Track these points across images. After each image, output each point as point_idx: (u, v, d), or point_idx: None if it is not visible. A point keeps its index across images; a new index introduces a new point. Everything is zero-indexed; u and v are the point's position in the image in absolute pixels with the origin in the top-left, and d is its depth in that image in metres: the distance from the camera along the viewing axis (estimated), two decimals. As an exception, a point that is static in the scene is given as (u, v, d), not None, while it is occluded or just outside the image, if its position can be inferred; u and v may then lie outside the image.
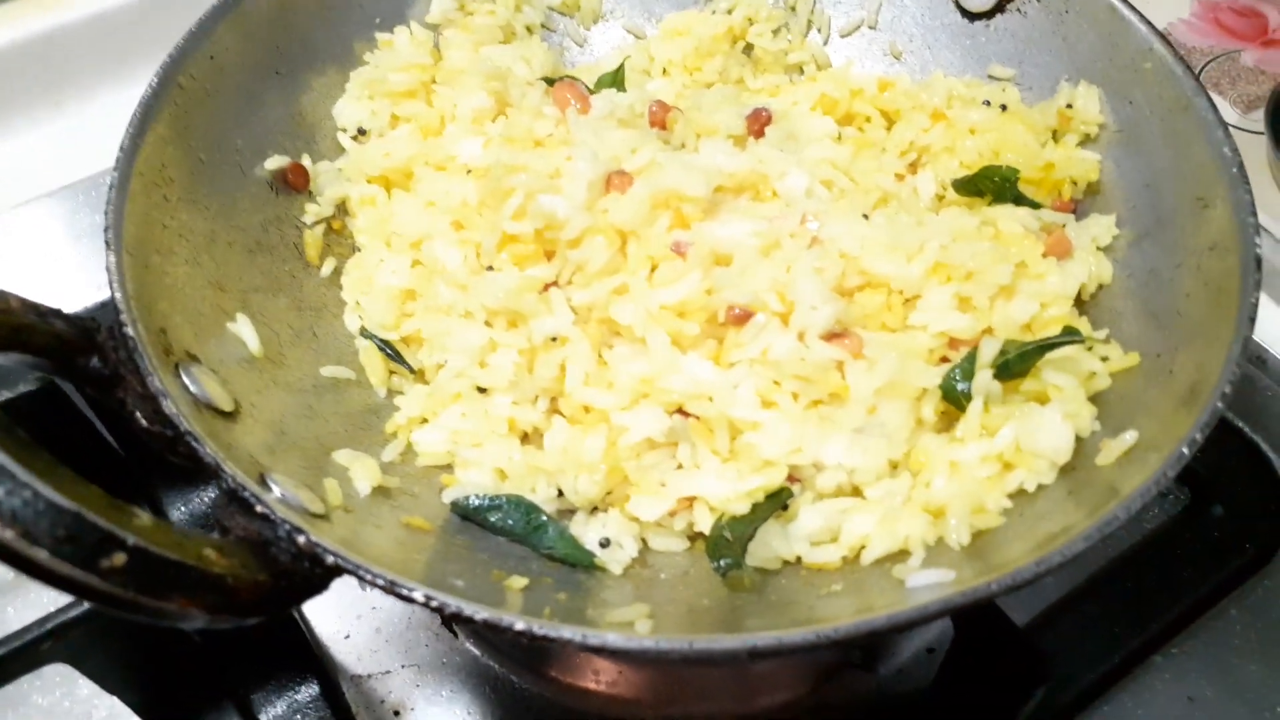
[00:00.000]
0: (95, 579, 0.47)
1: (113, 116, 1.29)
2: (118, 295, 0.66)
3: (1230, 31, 1.43)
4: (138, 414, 0.64)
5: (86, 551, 0.47)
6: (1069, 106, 0.91)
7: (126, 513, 0.49)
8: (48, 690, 0.83)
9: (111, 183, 0.72)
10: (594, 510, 0.76)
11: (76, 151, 1.25)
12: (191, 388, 0.66)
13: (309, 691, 0.90)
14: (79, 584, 0.47)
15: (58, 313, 0.63)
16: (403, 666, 0.89)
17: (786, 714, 0.90)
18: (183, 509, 1.00)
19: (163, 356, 0.65)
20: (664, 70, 1.00)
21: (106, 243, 0.68)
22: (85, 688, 0.83)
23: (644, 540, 0.75)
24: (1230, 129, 0.82)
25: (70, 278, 1.10)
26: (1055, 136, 0.92)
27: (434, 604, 0.55)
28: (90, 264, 1.13)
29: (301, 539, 0.56)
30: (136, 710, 0.80)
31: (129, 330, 0.64)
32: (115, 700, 0.81)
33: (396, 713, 0.87)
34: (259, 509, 0.57)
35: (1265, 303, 1.02)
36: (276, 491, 0.62)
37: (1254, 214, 0.74)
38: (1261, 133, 1.21)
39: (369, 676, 0.89)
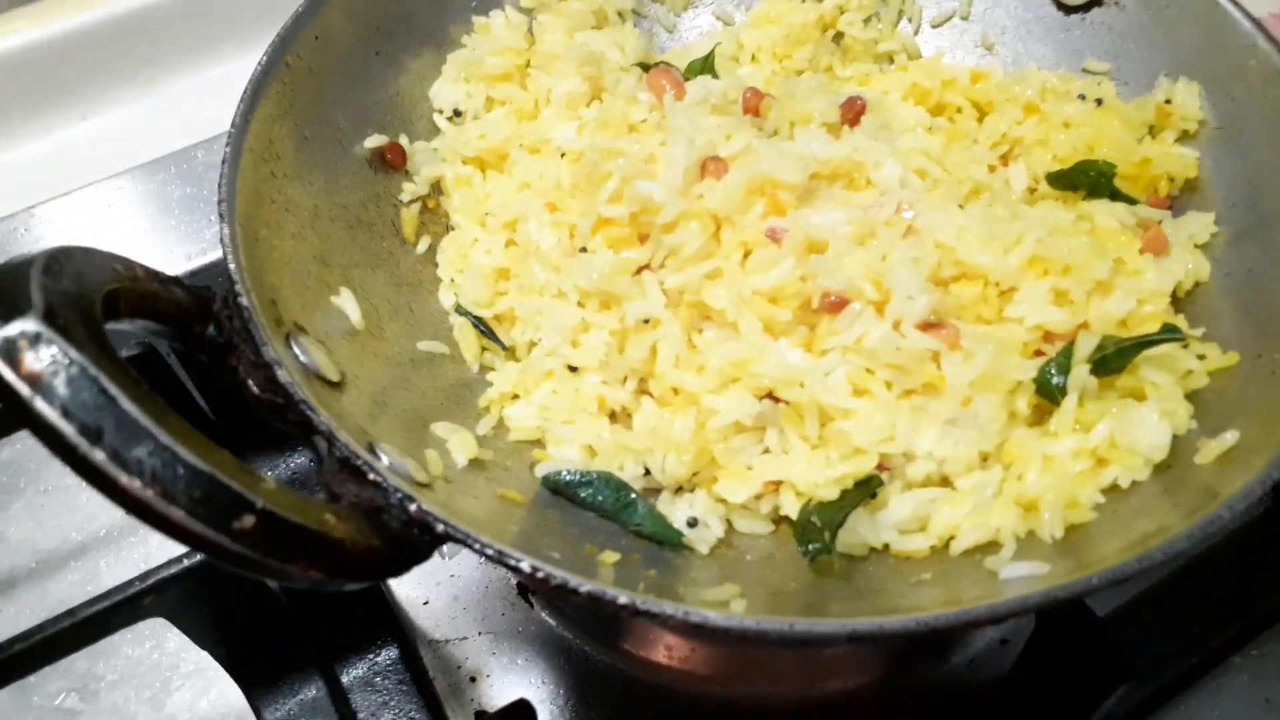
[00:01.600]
0: (226, 539, 0.49)
1: (201, 93, 1.34)
2: (232, 266, 0.68)
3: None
4: (250, 382, 0.66)
5: (219, 512, 0.49)
6: (1168, 102, 0.89)
7: (255, 477, 0.51)
8: (138, 642, 0.86)
9: (224, 157, 0.74)
10: (679, 490, 0.77)
11: (167, 126, 1.29)
12: (301, 358, 0.68)
13: (389, 655, 0.92)
14: (211, 542, 0.49)
15: (178, 281, 0.65)
16: (479, 634, 0.91)
17: (855, 698, 0.91)
18: (269, 473, 1.03)
19: (274, 327, 0.67)
20: (753, 57, 1.00)
21: (221, 215, 0.70)
22: (174, 640, 0.86)
23: (729, 522, 0.75)
24: None
25: (161, 248, 1.14)
26: (1152, 132, 0.91)
27: (540, 574, 0.56)
28: (180, 234, 1.16)
29: (413, 507, 0.58)
30: (224, 665, 0.83)
31: (243, 300, 0.66)
32: (203, 654, 0.84)
33: (473, 678, 0.89)
34: (371, 476, 0.59)
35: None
36: (385, 460, 0.64)
37: (1362, 216, 0.73)
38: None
39: (446, 642, 0.91)
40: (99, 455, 0.48)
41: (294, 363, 0.66)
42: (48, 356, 0.49)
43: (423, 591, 0.92)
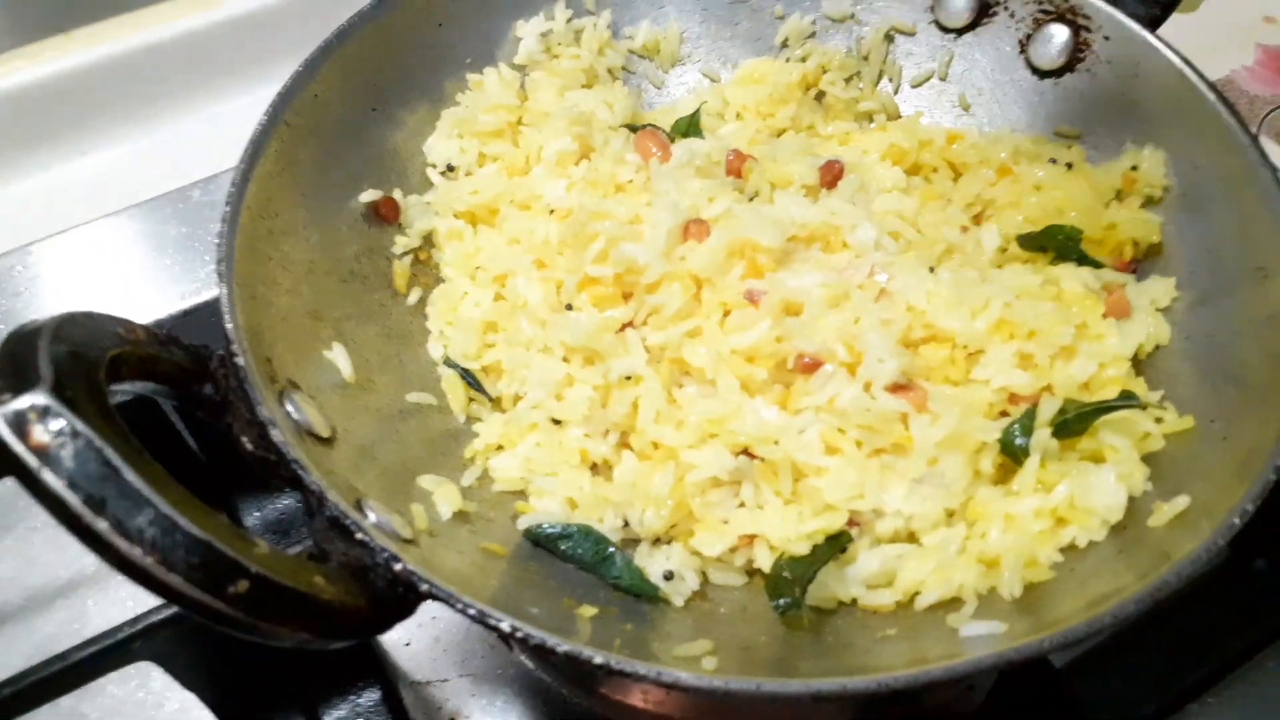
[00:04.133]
0: (221, 603, 0.52)
1: (201, 131, 1.37)
2: (229, 326, 0.71)
3: (1294, 81, 1.43)
4: (243, 439, 0.69)
5: (214, 578, 0.52)
6: (1134, 168, 0.93)
7: (248, 542, 0.54)
8: (124, 681, 0.88)
9: (223, 217, 0.76)
10: (657, 542, 0.80)
11: (167, 163, 1.31)
12: (294, 415, 0.71)
13: (371, 696, 0.95)
14: (206, 606, 0.52)
15: (177, 341, 0.68)
16: (459, 675, 0.93)
17: (828, 740, 0.93)
18: (257, 515, 1.05)
19: (268, 385, 0.70)
20: (738, 115, 1.03)
21: (219, 274, 0.73)
22: (159, 680, 0.87)
23: (704, 574, 0.78)
24: None
25: (156, 287, 1.16)
26: (1119, 196, 0.94)
27: (519, 634, 0.59)
28: (175, 274, 1.18)
29: (398, 566, 0.61)
30: (209, 705, 0.85)
31: (239, 360, 0.69)
32: (188, 695, 0.85)
33: (453, 719, 0.92)
34: (359, 536, 0.62)
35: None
36: (372, 517, 0.67)
37: (1314, 289, 0.76)
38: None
39: (427, 684, 0.93)
40: (102, 524, 0.50)
41: (287, 421, 0.69)
42: (55, 429, 0.51)
43: (404, 633, 0.95)
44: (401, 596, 0.62)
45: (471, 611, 0.59)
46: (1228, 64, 1.42)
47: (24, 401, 0.51)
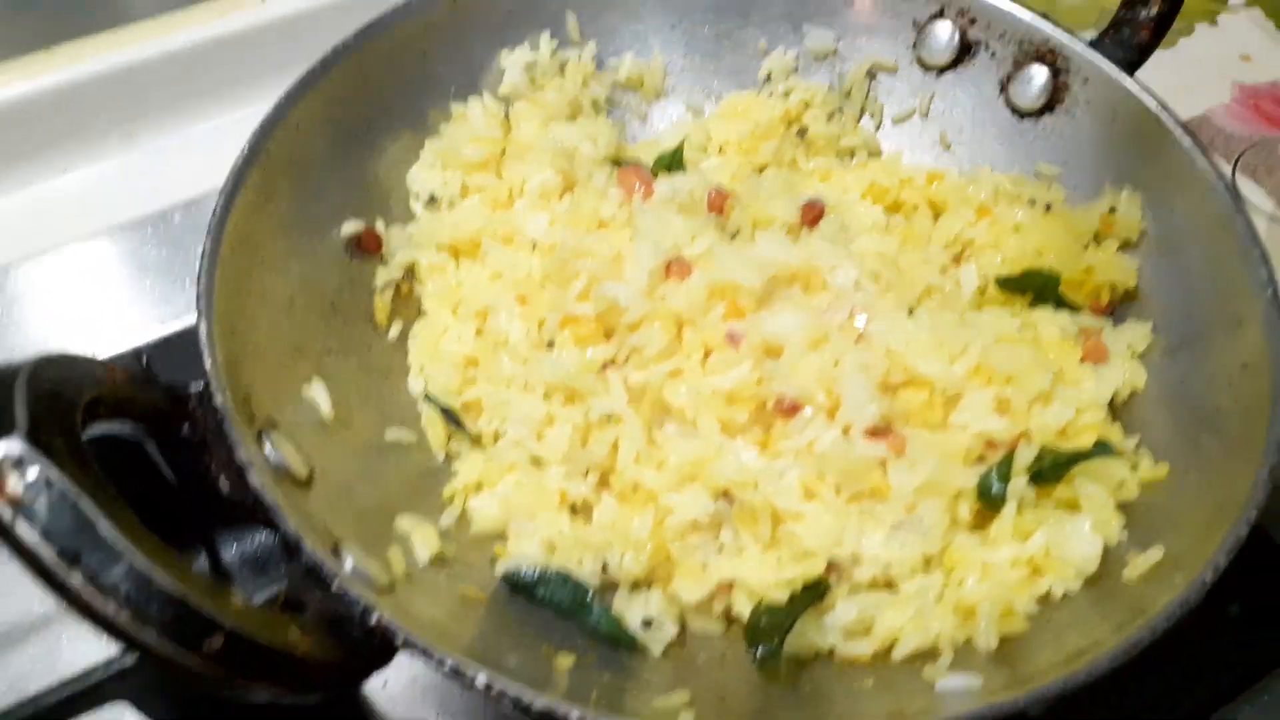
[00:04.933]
0: (195, 660, 0.51)
1: (183, 149, 1.36)
2: (208, 364, 0.70)
3: (1270, 119, 1.44)
4: (221, 480, 0.68)
5: (189, 634, 0.51)
6: (1112, 211, 0.94)
7: (223, 596, 0.54)
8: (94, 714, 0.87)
9: (203, 251, 0.76)
10: (636, 586, 0.80)
11: (148, 181, 1.30)
12: (272, 456, 0.70)
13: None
14: (180, 663, 0.51)
15: (155, 380, 0.67)
16: (437, 716, 0.92)
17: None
18: (236, 549, 1.04)
19: (247, 425, 0.70)
20: (720, 149, 1.04)
21: (199, 311, 0.73)
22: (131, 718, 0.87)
23: (682, 621, 0.78)
24: (1270, 219, 0.84)
25: (135, 311, 1.15)
26: (1097, 239, 0.95)
27: (494, 690, 0.59)
28: (154, 298, 1.17)
29: (374, 618, 0.60)
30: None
31: (218, 400, 0.68)
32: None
33: (432, 762, 0.91)
34: (335, 586, 0.61)
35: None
36: (348, 564, 0.66)
37: (1287, 339, 0.77)
38: (1299, 221, 1.21)
39: (406, 727, 0.92)
40: (76, 579, 0.50)
41: (264, 464, 0.68)
42: (31, 478, 0.50)
43: (382, 672, 0.93)
44: (378, 646, 0.61)
45: (447, 666, 0.59)
46: (1205, 101, 1.43)
47: (-1, 450, 0.51)
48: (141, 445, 0.95)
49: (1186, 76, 1.42)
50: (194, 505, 0.98)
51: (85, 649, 0.83)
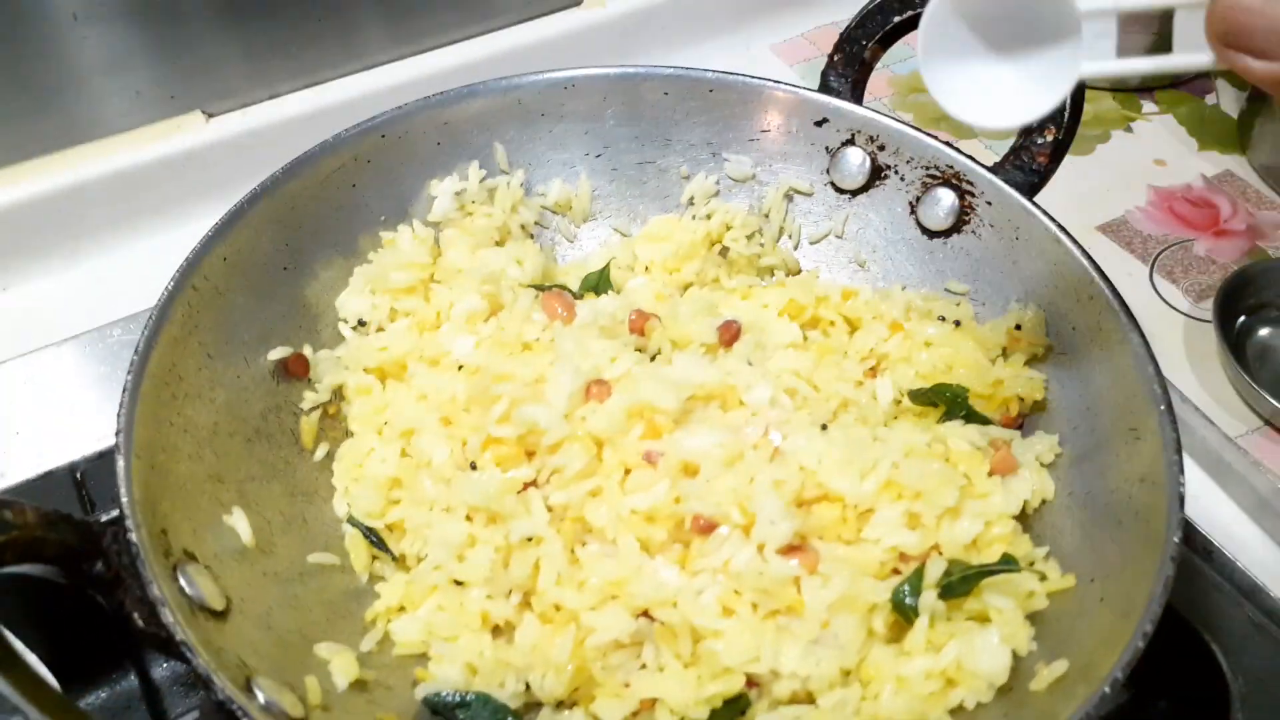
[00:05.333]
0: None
1: (127, 266, 1.38)
2: (124, 500, 0.71)
3: (1184, 221, 1.49)
4: (135, 615, 0.69)
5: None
6: (1018, 327, 0.98)
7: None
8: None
9: (125, 386, 0.77)
10: (559, 706, 0.80)
11: (91, 299, 1.32)
12: (188, 589, 0.70)
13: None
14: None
15: (67, 519, 0.68)
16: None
17: None
18: (165, 668, 1.03)
19: (163, 560, 0.70)
20: (646, 269, 1.08)
21: (117, 447, 0.74)
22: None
23: (605, 740, 0.78)
24: (1186, 317, 0.85)
25: (71, 426, 1.15)
26: (1005, 353, 0.99)
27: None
28: (91, 413, 1.17)
29: (283, 755, 0.60)
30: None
31: (133, 537, 0.69)
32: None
33: None
34: (244, 723, 0.61)
35: (1211, 494, 1.08)
36: (261, 698, 0.66)
37: (1179, 453, 0.80)
38: (1210, 321, 1.22)
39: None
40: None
41: (179, 599, 0.68)
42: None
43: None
44: (287, 785, 0.61)
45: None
46: (1122, 205, 1.48)
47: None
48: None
49: (1104, 181, 1.48)
50: (123, 625, 0.98)
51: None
